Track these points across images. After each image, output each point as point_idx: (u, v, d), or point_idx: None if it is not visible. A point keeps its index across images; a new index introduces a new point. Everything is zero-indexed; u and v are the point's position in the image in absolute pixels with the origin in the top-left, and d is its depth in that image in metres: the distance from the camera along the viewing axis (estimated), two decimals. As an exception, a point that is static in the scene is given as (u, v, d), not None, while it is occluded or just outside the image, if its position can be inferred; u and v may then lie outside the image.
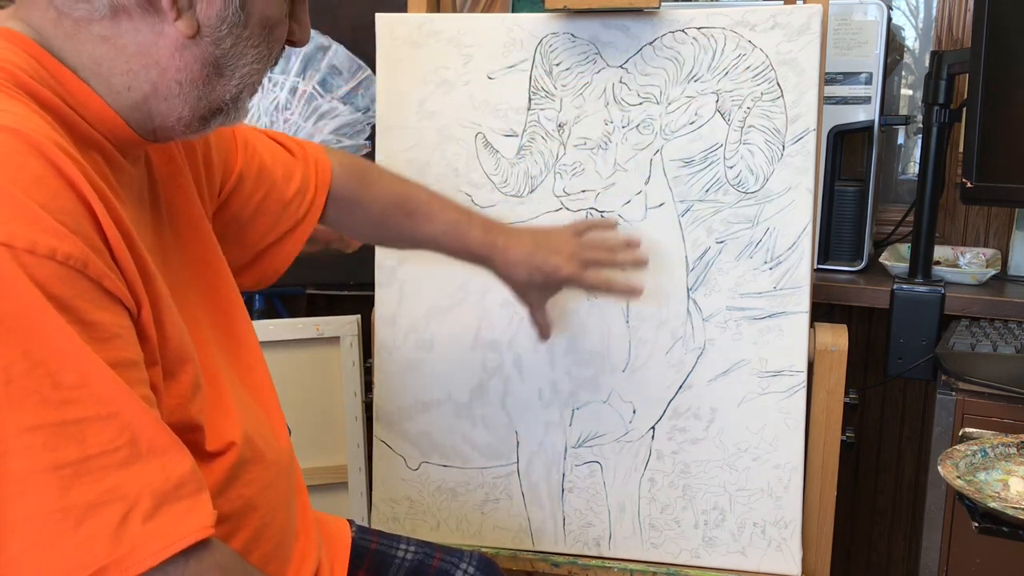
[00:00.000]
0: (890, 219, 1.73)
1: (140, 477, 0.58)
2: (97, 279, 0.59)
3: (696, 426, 1.22)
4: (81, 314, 0.58)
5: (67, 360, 0.56)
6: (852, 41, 1.50)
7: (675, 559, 1.25)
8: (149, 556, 0.57)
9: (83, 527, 0.56)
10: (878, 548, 1.85)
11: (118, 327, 0.61)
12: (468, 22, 1.25)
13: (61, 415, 0.56)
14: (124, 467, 0.58)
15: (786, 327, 1.18)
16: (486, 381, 1.27)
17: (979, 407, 1.27)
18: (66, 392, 0.56)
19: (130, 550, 0.57)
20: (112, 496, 0.57)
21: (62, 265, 0.57)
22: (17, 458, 0.55)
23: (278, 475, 0.81)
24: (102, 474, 0.57)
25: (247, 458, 0.75)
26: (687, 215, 1.20)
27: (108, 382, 0.58)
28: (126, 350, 0.61)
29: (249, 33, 0.69)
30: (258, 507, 0.76)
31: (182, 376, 0.69)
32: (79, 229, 0.58)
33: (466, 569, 1.00)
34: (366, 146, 1.54)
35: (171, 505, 0.59)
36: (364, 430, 1.56)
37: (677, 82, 1.19)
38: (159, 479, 0.59)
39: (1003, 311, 1.40)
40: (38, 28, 0.66)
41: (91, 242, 0.59)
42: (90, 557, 0.56)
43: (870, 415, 1.81)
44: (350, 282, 1.58)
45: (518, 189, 1.25)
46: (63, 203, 0.58)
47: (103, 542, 0.56)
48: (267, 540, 0.78)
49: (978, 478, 0.91)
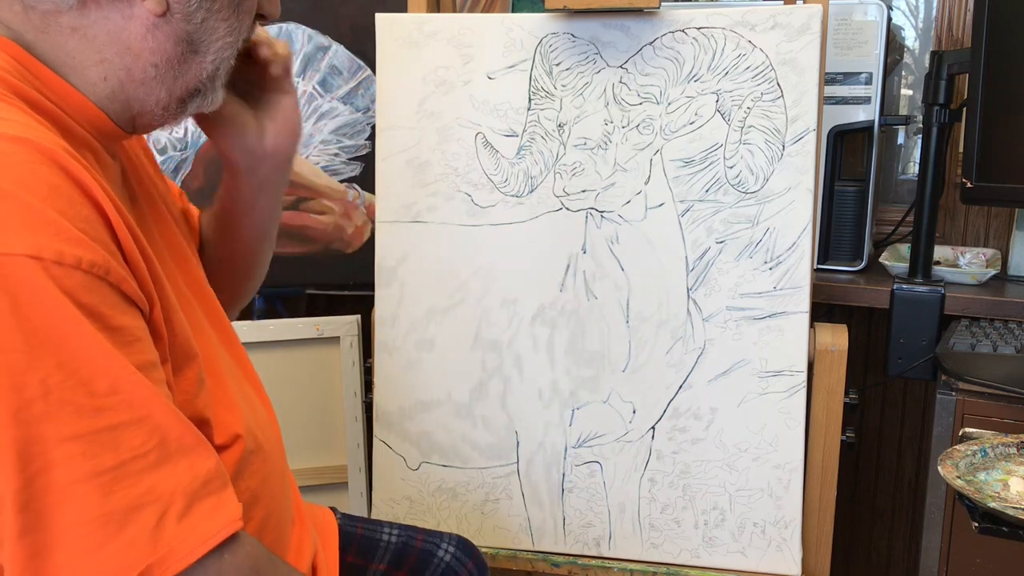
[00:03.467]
0: (890, 219, 1.73)
1: (172, 477, 0.59)
2: (117, 284, 0.60)
3: (696, 426, 1.22)
4: (107, 320, 0.58)
5: (98, 368, 0.57)
6: (852, 41, 1.50)
7: (675, 559, 1.25)
8: (187, 554, 0.59)
9: (124, 531, 0.57)
10: (878, 548, 1.85)
11: (138, 330, 0.62)
12: (468, 22, 1.25)
13: (97, 423, 0.57)
14: (156, 469, 0.59)
15: (786, 327, 1.18)
16: (486, 381, 1.27)
17: (979, 407, 1.27)
18: (100, 400, 0.57)
19: (169, 550, 0.58)
20: (148, 498, 0.58)
21: (87, 274, 0.57)
22: (58, 468, 0.56)
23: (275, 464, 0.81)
24: (137, 478, 0.58)
25: (251, 450, 0.76)
26: (687, 215, 1.20)
27: (137, 386, 0.59)
28: (147, 352, 0.62)
29: (219, 6, 0.69)
30: (261, 498, 0.77)
31: (188, 371, 0.69)
32: (98, 236, 0.59)
33: (447, 548, 1.04)
34: (366, 146, 1.54)
35: (201, 502, 0.60)
36: (364, 430, 1.56)
37: (677, 82, 1.19)
38: (188, 477, 0.60)
39: (1003, 311, 1.40)
40: (7, 24, 0.65)
41: (108, 247, 0.60)
42: (133, 560, 0.57)
43: (870, 415, 1.81)
44: (350, 282, 1.58)
45: (518, 189, 1.25)
46: (80, 210, 0.58)
47: (143, 544, 0.57)
48: (271, 530, 0.78)
49: (978, 478, 0.91)
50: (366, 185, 1.54)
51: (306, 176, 1.53)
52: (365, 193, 1.54)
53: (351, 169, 1.55)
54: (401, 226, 1.28)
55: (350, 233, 1.55)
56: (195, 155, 1.50)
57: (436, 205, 1.27)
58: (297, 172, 1.53)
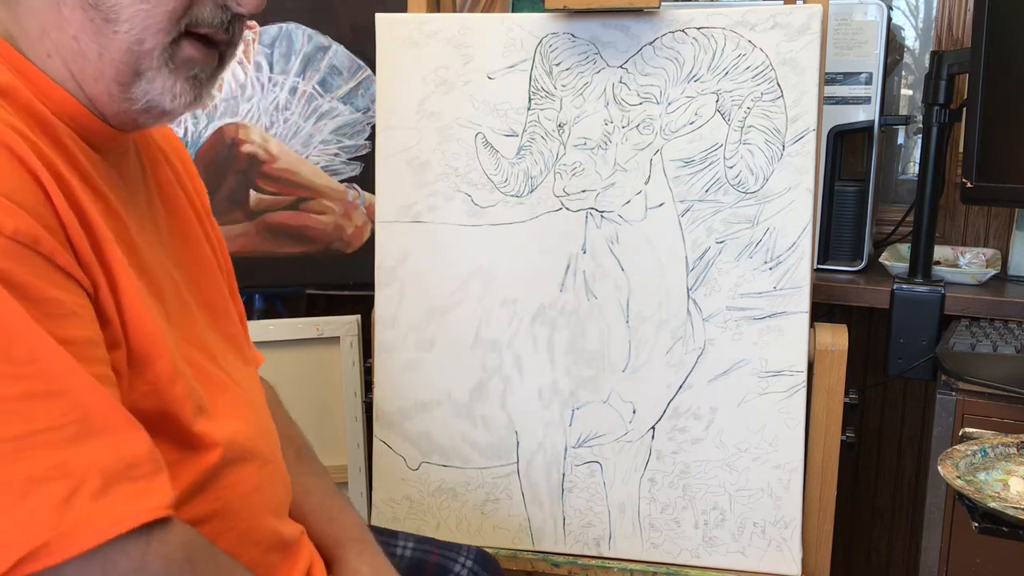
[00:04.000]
0: (890, 219, 1.73)
1: (89, 455, 0.57)
2: (49, 255, 0.58)
3: (696, 426, 1.22)
4: (33, 291, 0.57)
5: (15, 335, 0.56)
6: (852, 41, 1.50)
7: (675, 559, 1.25)
8: (96, 533, 0.56)
9: (25, 501, 0.55)
10: (878, 548, 1.85)
11: (74, 305, 0.60)
12: (468, 22, 1.25)
13: (8, 390, 0.55)
14: (72, 444, 0.57)
15: (786, 327, 1.18)
16: (486, 381, 1.27)
17: (979, 407, 1.27)
18: (15, 367, 0.56)
19: (74, 526, 0.56)
20: (58, 472, 0.56)
21: (10, 240, 0.56)
22: None
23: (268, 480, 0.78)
24: (48, 450, 0.56)
25: (232, 459, 0.73)
26: (687, 215, 1.20)
27: (59, 359, 0.57)
28: (83, 328, 0.60)
29: None
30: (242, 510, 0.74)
31: (157, 363, 0.67)
32: (29, 206, 0.57)
33: (464, 563, 1.00)
34: (366, 146, 1.54)
35: (123, 484, 0.58)
36: (364, 430, 1.56)
37: (677, 82, 1.19)
38: (110, 458, 0.58)
39: (1003, 311, 1.40)
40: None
41: (44, 220, 0.58)
42: (31, 532, 0.55)
43: (870, 415, 1.81)
44: (350, 282, 1.58)
45: (518, 189, 1.25)
46: (12, 180, 0.57)
47: (46, 517, 0.55)
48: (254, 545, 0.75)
49: (978, 478, 0.91)
50: (366, 185, 1.54)
51: (306, 176, 1.53)
52: (365, 193, 1.54)
53: (351, 169, 1.55)
54: (401, 226, 1.28)
55: (350, 233, 1.55)
56: (195, 155, 1.50)
57: (436, 205, 1.27)
58: (297, 172, 1.53)
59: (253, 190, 1.52)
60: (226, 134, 1.51)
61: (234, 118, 1.51)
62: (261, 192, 1.52)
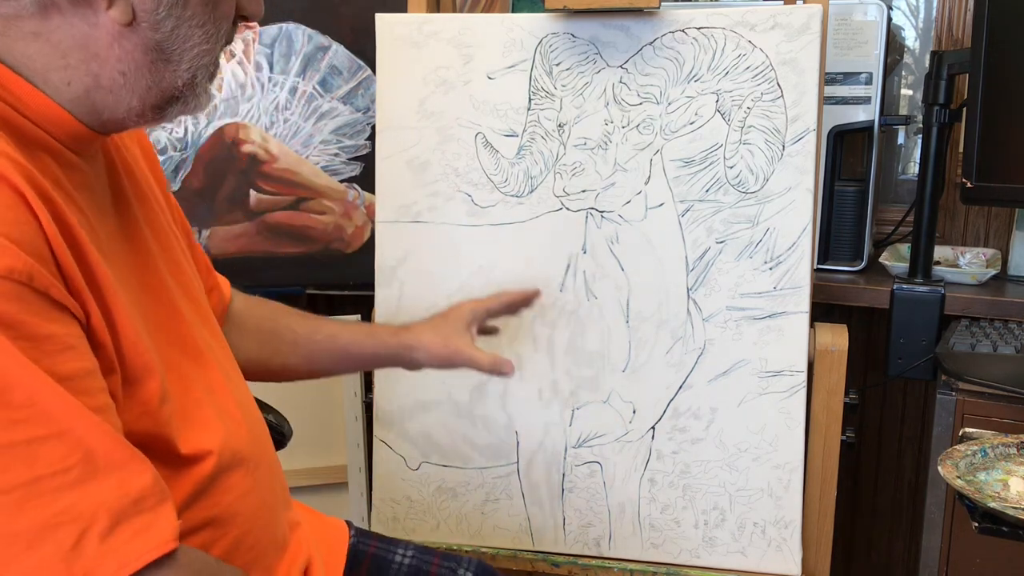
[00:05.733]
0: (890, 219, 1.73)
1: (96, 495, 0.56)
2: (44, 290, 0.57)
3: (696, 426, 1.22)
4: (28, 329, 0.56)
5: (12, 379, 0.54)
6: (852, 41, 1.50)
7: (675, 559, 1.25)
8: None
9: (34, 551, 0.54)
10: (878, 548, 1.85)
11: (70, 337, 0.59)
12: (468, 22, 1.25)
13: (9, 436, 0.54)
14: (78, 486, 0.56)
15: (786, 327, 1.18)
16: (486, 381, 1.27)
17: (979, 407, 1.27)
18: (13, 412, 0.54)
19: (84, 573, 0.55)
20: (65, 517, 0.55)
21: (5, 280, 0.55)
22: None
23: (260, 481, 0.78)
24: (54, 495, 0.55)
25: (225, 466, 0.73)
26: (687, 215, 1.20)
27: (58, 399, 0.56)
28: (80, 360, 0.59)
29: (191, 13, 0.66)
30: (239, 514, 0.74)
31: (148, 383, 0.67)
32: (23, 239, 0.56)
33: (464, 574, 0.98)
34: (366, 146, 1.54)
35: (130, 521, 0.57)
36: (364, 430, 1.56)
37: (677, 82, 1.19)
38: (116, 495, 0.57)
39: (1003, 311, 1.40)
40: None
41: (36, 252, 0.57)
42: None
43: (870, 415, 1.81)
44: (350, 282, 1.58)
45: (518, 189, 1.25)
46: (5, 213, 0.56)
47: (55, 566, 0.54)
48: (246, 551, 0.75)
49: (978, 478, 0.91)
50: (366, 185, 1.54)
51: (306, 176, 1.53)
52: (365, 193, 1.54)
53: (351, 169, 1.55)
54: (401, 226, 1.28)
55: (350, 233, 1.55)
56: (195, 155, 1.50)
57: (436, 205, 1.27)
58: (297, 172, 1.53)
59: (253, 190, 1.52)
60: (226, 134, 1.51)
61: (234, 118, 1.51)
62: (261, 192, 1.52)
